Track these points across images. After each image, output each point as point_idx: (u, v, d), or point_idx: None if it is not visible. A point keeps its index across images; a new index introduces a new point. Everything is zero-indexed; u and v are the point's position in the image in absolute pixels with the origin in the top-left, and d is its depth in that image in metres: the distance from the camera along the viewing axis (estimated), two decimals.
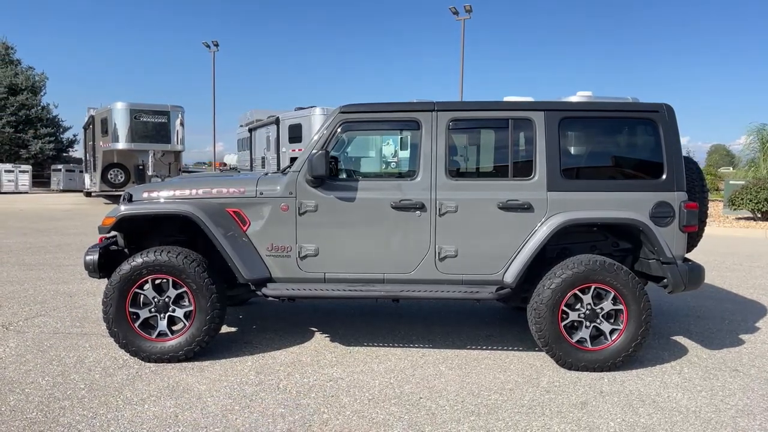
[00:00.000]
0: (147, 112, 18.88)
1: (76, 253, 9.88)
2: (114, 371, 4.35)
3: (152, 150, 19.24)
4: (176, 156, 20.92)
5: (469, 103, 4.65)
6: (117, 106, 18.72)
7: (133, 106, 18.71)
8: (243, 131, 26.37)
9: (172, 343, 4.50)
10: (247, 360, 4.65)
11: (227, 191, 4.64)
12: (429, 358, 4.75)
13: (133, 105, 18.73)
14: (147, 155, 19.37)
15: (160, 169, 20.47)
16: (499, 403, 3.92)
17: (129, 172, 20.64)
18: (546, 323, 4.45)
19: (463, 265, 4.56)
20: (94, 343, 4.98)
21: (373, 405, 3.85)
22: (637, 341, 4.46)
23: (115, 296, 4.44)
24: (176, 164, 21.14)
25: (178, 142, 19.53)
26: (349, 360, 4.68)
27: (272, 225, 4.60)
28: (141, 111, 18.80)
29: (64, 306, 6.21)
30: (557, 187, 4.50)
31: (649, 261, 4.64)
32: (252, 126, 23.86)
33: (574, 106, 4.60)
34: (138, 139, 18.87)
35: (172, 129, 19.20)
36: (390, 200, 4.53)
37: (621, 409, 3.86)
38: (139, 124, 18.80)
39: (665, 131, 4.54)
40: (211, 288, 4.47)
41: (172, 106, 19.28)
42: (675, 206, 4.51)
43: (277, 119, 19.77)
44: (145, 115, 18.85)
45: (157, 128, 19.09)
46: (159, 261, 4.43)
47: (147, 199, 4.69)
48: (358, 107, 4.67)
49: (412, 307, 6.32)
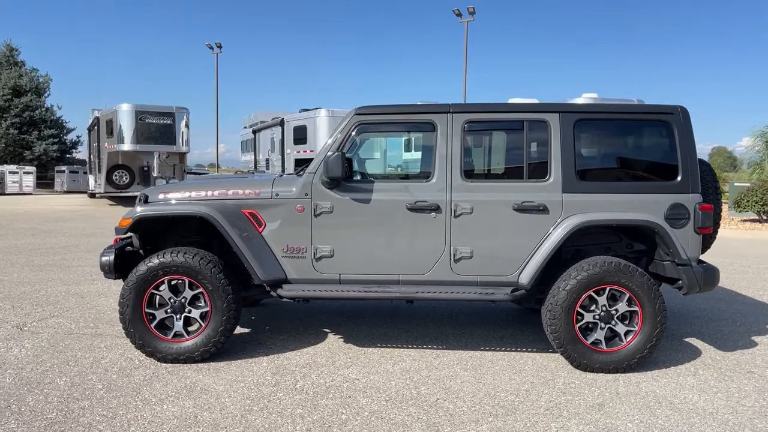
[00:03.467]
0: (152, 114, 18.92)
1: (84, 254, 9.91)
2: (131, 372, 4.36)
3: (157, 151, 19.28)
4: (181, 158, 20.95)
5: (484, 105, 4.66)
6: (122, 107, 18.76)
7: (138, 107, 18.75)
8: (247, 133, 26.38)
9: (188, 344, 4.51)
10: (263, 361, 4.66)
11: (243, 193, 4.65)
12: (444, 360, 4.76)
13: (138, 106, 18.77)
14: (152, 157, 19.42)
15: (165, 171, 20.52)
16: (516, 404, 3.93)
17: (134, 174, 20.67)
18: (561, 324, 4.45)
19: (478, 267, 4.57)
20: (109, 343, 5.00)
21: (390, 406, 3.86)
22: (652, 343, 4.47)
23: (131, 297, 4.46)
24: (181, 166, 21.18)
25: (183, 143, 19.56)
26: (364, 361, 4.69)
27: (288, 226, 4.61)
28: (146, 112, 18.83)
29: (76, 307, 6.23)
30: (572, 188, 4.50)
31: (664, 263, 4.64)
32: (256, 128, 23.86)
33: (589, 108, 4.61)
34: (143, 140, 18.90)
35: (177, 130, 19.23)
36: (405, 202, 4.54)
37: (638, 410, 3.86)
38: (144, 125, 18.83)
39: (680, 133, 4.55)
40: (227, 289, 4.49)
41: (177, 108, 19.31)
42: (690, 208, 4.51)
43: (281, 121, 19.78)
44: (150, 117, 18.89)
45: (162, 130, 19.12)
46: (175, 262, 4.44)
47: (163, 201, 4.71)
48: (373, 109, 4.68)
49: (423, 309, 6.33)
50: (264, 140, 22.76)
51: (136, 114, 18.61)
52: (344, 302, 6.43)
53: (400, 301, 4.85)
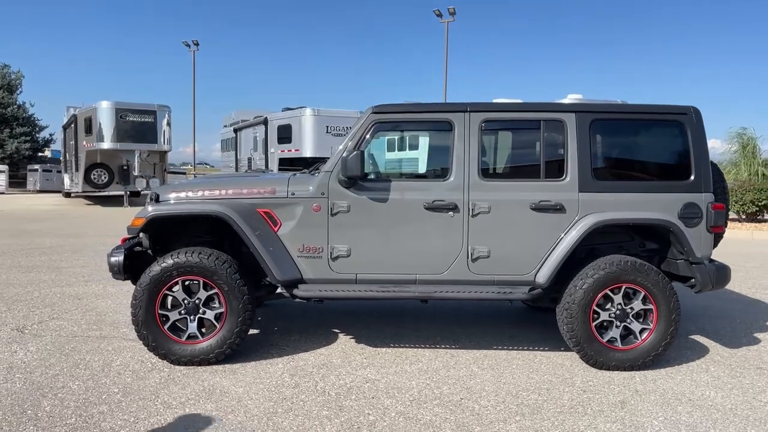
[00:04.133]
0: (133, 112, 18.56)
1: (71, 255, 9.68)
2: (145, 375, 4.26)
3: (138, 150, 18.93)
4: (162, 156, 20.62)
5: (501, 104, 4.66)
6: (102, 105, 18.37)
7: (118, 105, 18.38)
8: (227, 132, 26.13)
9: (202, 346, 4.43)
10: (278, 362, 4.60)
11: (258, 191, 4.58)
12: (459, 359, 4.75)
13: (118, 104, 18.40)
14: (133, 155, 19.05)
15: (145, 170, 20.18)
16: (540, 403, 3.94)
17: (113, 173, 20.27)
18: (578, 323, 4.48)
19: (495, 266, 4.57)
20: (117, 346, 4.88)
21: (416, 406, 3.83)
22: (667, 340, 4.52)
23: (144, 298, 4.35)
24: (161, 165, 20.85)
25: (165, 142, 19.25)
26: (380, 361, 4.66)
27: (304, 226, 4.55)
28: (127, 110, 18.47)
29: (75, 309, 6.07)
30: (588, 188, 4.53)
31: (677, 261, 4.70)
32: (237, 126, 23.66)
33: (604, 108, 4.65)
34: (123, 138, 18.54)
35: (159, 129, 18.91)
36: (423, 201, 4.52)
37: (660, 407, 3.90)
38: (124, 123, 18.47)
39: (693, 133, 4.61)
40: (242, 289, 4.41)
41: (159, 106, 18.99)
42: (702, 207, 4.57)
43: (265, 120, 19.64)
44: (131, 115, 18.53)
45: (144, 128, 18.78)
46: (190, 262, 4.35)
47: (175, 200, 4.61)
48: (390, 107, 4.65)
49: (430, 308, 6.31)
50: (246, 139, 22.58)
51: (116, 112, 18.24)
52: (350, 302, 6.38)
53: (413, 300, 4.81)
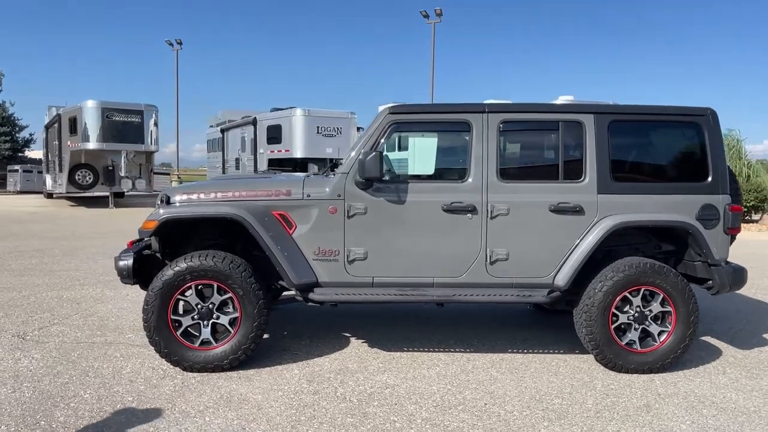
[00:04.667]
0: (119, 111, 18.24)
1: (63, 258, 9.45)
2: (158, 382, 4.13)
3: (125, 150, 18.61)
4: (147, 157, 20.31)
5: (519, 105, 4.61)
6: (87, 104, 18.03)
7: (104, 104, 18.05)
8: (213, 132, 25.85)
9: (216, 352, 4.31)
10: (293, 368, 4.49)
11: (272, 193, 4.47)
12: (476, 363, 4.68)
13: (104, 104, 18.07)
14: (119, 156, 18.73)
15: (131, 171, 19.86)
16: (565, 407, 3.89)
17: (98, 173, 19.92)
18: (597, 326, 4.44)
19: (513, 269, 4.51)
20: (124, 352, 4.74)
21: (441, 412, 3.76)
22: (686, 343, 4.50)
23: (156, 303, 4.23)
24: (147, 166, 20.54)
25: (152, 142, 18.96)
26: (397, 366, 4.57)
27: (320, 228, 4.45)
28: (113, 110, 18.15)
29: (75, 314, 5.90)
30: (607, 189, 4.50)
31: (695, 263, 4.68)
32: (224, 126, 23.41)
33: (622, 110, 4.62)
34: (109, 138, 18.21)
35: (146, 129, 18.61)
36: (441, 203, 4.45)
37: (685, 410, 3.87)
38: (110, 123, 18.14)
39: (710, 134, 4.60)
40: (258, 293, 4.30)
41: (146, 105, 18.69)
42: (720, 209, 4.56)
43: (254, 120, 19.45)
44: (118, 114, 18.21)
45: (130, 128, 18.46)
46: (205, 266, 4.23)
47: (187, 202, 4.48)
48: (407, 108, 4.57)
49: (439, 311, 6.23)
50: (233, 139, 22.36)
51: (102, 111, 17.90)
52: (358, 305, 6.29)
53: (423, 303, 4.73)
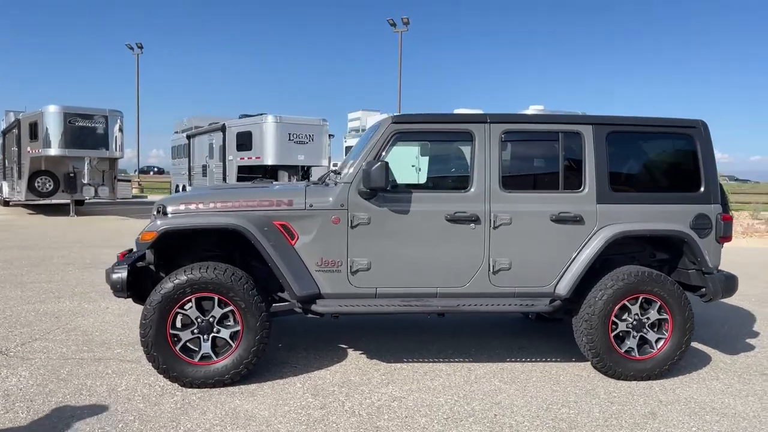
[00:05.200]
0: (83, 117, 17.64)
1: (32, 269, 9.08)
2: (157, 399, 3.99)
3: (88, 157, 18.05)
4: (111, 163, 19.73)
5: (520, 115, 4.65)
6: (49, 109, 17.41)
7: (67, 109, 17.45)
8: (178, 138, 25.35)
9: (217, 367, 4.19)
10: (295, 381, 4.40)
11: (274, 203, 4.38)
12: (478, 373, 4.68)
13: (67, 108, 17.47)
14: (82, 162, 18.14)
15: (93, 177, 19.28)
16: (573, 416, 3.91)
17: (58, 180, 19.25)
18: (598, 334, 4.49)
19: (516, 278, 4.53)
20: (116, 368, 4.56)
21: (453, 424, 3.73)
22: (682, 349, 4.59)
23: (155, 317, 4.09)
24: (111, 172, 19.94)
25: (116, 148, 18.42)
26: (400, 378, 4.53)
27: (322, 239, 4.39)
28: (76, 115, 17.55)
29: (56, 328, 5.66)
30: (606, 199, 4.56)
31: (689, 271, 4.79)
32: (191, 133, 22.99)
33: (619, 121, 4.69)
34: (72, 145, 17.60)
35: (111, 135, 18.09)
36: (444, 212, 4.44)
37: (689, 417, 3.94)
38: (73, 129, 17.54)
39: (702, 145, 4.72)
40: (260, 306, 4.21)
41: (111, 111, 18.14)
42: (712, 218, 4.68)
43: (223, 126, 19.15)
44: (81, 120, 17.62)
45: (94, 134, 17.89)
46: (205, 278, 4.12)
47: (185, 212, 4.35)
48: (410, 117, 4.56)
49: (435, 321, 6.20)
50: (200, 146, 21.96)
51: (64, 116, 17.31)
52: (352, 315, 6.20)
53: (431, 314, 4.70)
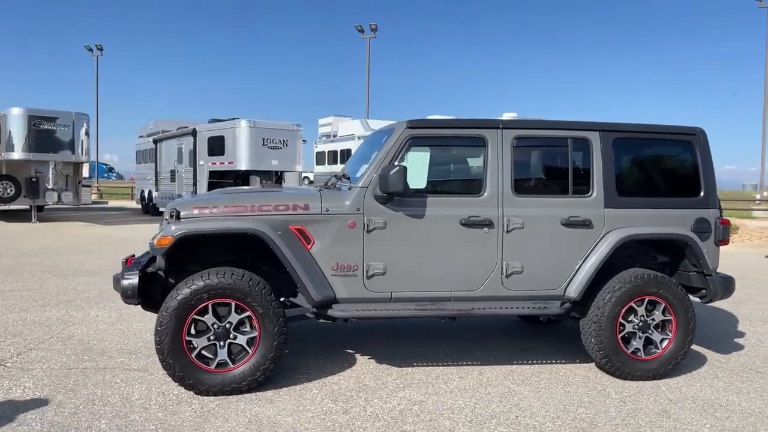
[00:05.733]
0: (48, 120, 17.09)
1: (6, 276, 8.73)
2: (174, 408, 3.90)
3: (53, 161, 17.49)
4: (76, 168, 19.18)
5: (531, 121, 4.73)
6: (12, 111, 16.81)
7: (31, 112, 16.88)
8: (144, 142, 24.81)
9: (234, 374, 4.12)
10: (310, 387, 4.36)
11: (290, 207, 4.34)
12: (489, 376, 4.72)
13: (31, 111, 16.90)
14: (46, 166, 17.58)
15: (57, 182, 18.70)
16: (591, 416, 3.99)
17: (20, 185, 18.60)
18: (606, 335, 4.59)
19: (527, 281, 4.60)
20: (124, 377, 4.44)
21: (478, 426, 3.76)
22: (685, 349, 4.74)
23: (171, 324, 4.00)
24: (75, 177, 19.39)
25: (82, 152, 17.91)
26: (414, 382, 4.54)
27: (338, 243, 4.37)
28: (41, 118, 17.00)
29: (49, 337, 5.46)
30: (613, 204, 4.68)
31: (690, 273, 4.95)
32: (158, 137, 22.53)
33: (624, 127, 4.82)
34: (37, 148, 17.02)
35: (77, 138, 17.57)
36: (459, 216, 4.48)
37: (700, 414, 4.07)
38: (38, 132, 16.98)
39: (701, 152, 4.89)
40: (278, 311, 4.17)
41: (77, 114, 17.63)
42: (711, 222, 4.85)
43: (193, 131, 18.83)
44: (46, 123, 17.07)
45: (60, 137, 17.35)
46: (223, 284, 4.05)
47: (200, 216, 4.28)
48: (425, 122, 4.59)
49: (436, 325, 6.24)
50: (168, 150, 21.53)
51: (28, 119, 16.73)
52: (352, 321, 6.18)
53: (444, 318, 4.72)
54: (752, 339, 6.11)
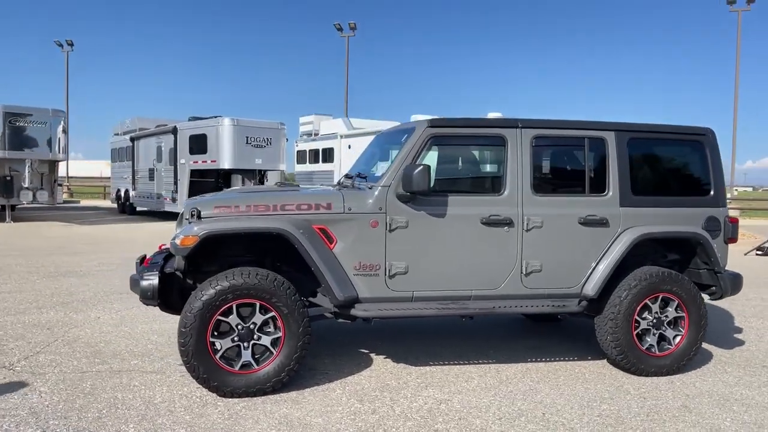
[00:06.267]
0: (24, 117, 16.65)
1: None
2: (200, 410, 3.84)
3: (29, 159, 17.04)
4: (51, 166, 18.72)
5: (549, 121, 4.76)
6: None
7: (7, 108, 16.41)
8: (120, 140, 24.34)
9: (259, 375, 4.07)
10: (333, 387, 4.34)
11: (312, 206, 4.30)
12: (507, 374, 4.75)
13: (7, 108, 16.43)
14: (22, 165, 17.12)
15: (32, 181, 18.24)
16: (616, 412, 4.04)
17: None
18: (623, 333, 4.66)
19: (546, 279, 4.64)
20: (142, 380, 4.35)
21: (508, 425, 3.78)
22: (697, 345, 4.83)
23: (196, 325, 3.93)
24: (51, 176, 18.92)
25: (59, 150, 17.49)
26: (435, 380, 4.54)
27: (361, 242, 4.35)
28: (17, 115, 16.53)
29: (54, 340, 5.32)
30: (628, 202, 4.75)
31: (700, 271, 5.05)
32: (135, 135, 22.13)
33: (638, 127, 4.89)
34: (12, 146, 16.57)
35: (54, 136, 17.15)
36: (479, 216, 4.50)
37: (719, 408, 4.15)
38: (14, 129, 16.52)
39: (711, 152, 5.00)
40: (303, 311, 4.13)
41: (54, 111, 17.23)
42: (721, 220, 4.96)
43: (174, 129, 18.54)
44: (22, 120, 16.61)
45: (36, 135, 16.92)
46: (248, 284, 4.00)
47: (223, 216, 4.21)
48: (446, 122, 4.59)
49: (444, 323, 6.25)
50: (147, 149, 21.18)
51: (4, 116, 16.26)
52: None
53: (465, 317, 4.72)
54: (750, 334, 6.26)
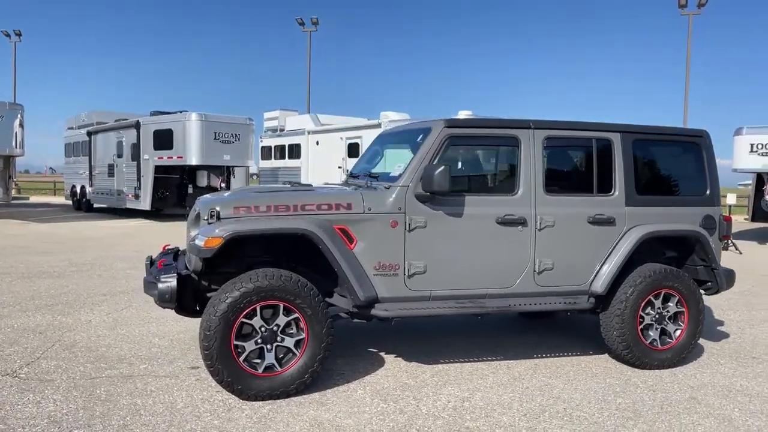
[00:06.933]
0: None
1: None
2: (227, 414, 3.78)
3: None
4: (6, 162, 17.94)
5: (559, 122, 4.86)
6: None
7: None
8: (74, 135, 23.46)
9: (283, 377, 4.03)
10: (354, 388, 4.33)
11: (332, 206, 4.28)
12: (519, 370, 4.84)
13: None
14: None
15: None
16: (631, 405, 4.18)
17: None
18: (628, 328, 4.81)
19: (557, 278, 4.75)
20: (158, 384, 4.24)
21: (535, 420, 3.86)
22: (696, 338, 5.04)
23: (220, 328, 3.86)
24: (5, 172, 18.13)
25: (17, 145, 16.76)
26: (451, 378, 4.59)
27: (380, 242, 4.35)
28: None
29: (51, 345, 5.13)
30: (633, 202, 4.90)
31: (697, 267, 5.26)
32: (92, 129, 21.38)
33: (641, 129, 5.05)
34: None
35: (11, 131, 16.42)
36: (495, 215, 4.56)
37: (725, 399, 4.34)
38: None
39: (707, 153, 5.21)
40: (326, 313, 4.11)
41: (10, 105, 16.48)
42: (716, 219, 5.18)
43: (137, 123, 18.01)
44: None
45: None
46: (273, 286, 3.95)
47: (243, 216, 4.13)
48: (463, 122, 4.64)
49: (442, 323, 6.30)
50: (106, 143, 20.51)
51: None
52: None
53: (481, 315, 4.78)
54: (732, 327, 6.55)
